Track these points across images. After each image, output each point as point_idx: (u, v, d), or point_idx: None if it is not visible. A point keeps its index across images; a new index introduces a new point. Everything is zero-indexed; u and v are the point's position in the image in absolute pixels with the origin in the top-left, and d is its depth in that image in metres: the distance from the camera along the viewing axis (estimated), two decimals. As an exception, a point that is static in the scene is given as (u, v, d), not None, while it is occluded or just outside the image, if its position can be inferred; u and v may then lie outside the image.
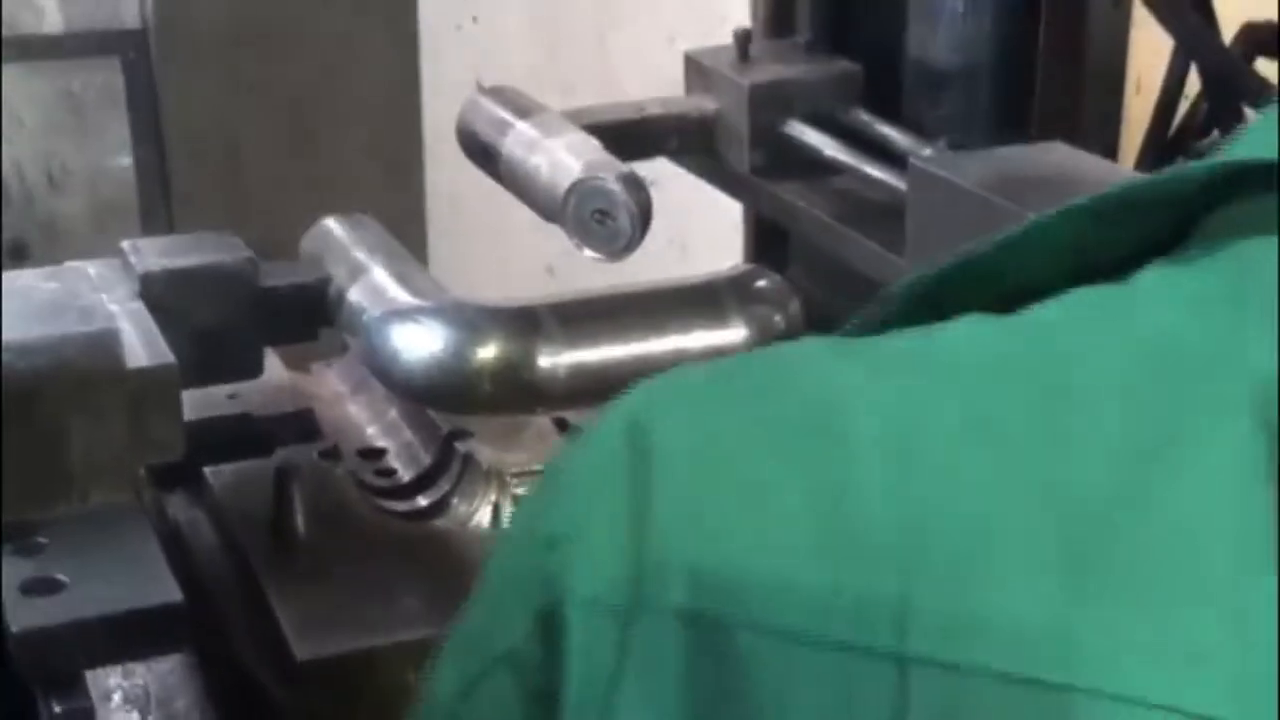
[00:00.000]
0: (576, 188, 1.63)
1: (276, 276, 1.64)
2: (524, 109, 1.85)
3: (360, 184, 1.70)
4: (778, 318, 1.55)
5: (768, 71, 2.09)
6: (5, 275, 1.45)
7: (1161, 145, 2.36)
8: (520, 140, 1.78)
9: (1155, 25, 2.21)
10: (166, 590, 1.29)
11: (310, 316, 1.65)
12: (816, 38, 2.17)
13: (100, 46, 3.81)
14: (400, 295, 1.53)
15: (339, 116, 3.84)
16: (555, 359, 1.47)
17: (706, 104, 2.13)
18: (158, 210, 3.77)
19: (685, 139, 2.15)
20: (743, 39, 2.09)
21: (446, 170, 3.76)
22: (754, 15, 2.34)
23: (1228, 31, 2.26)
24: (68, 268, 1.48)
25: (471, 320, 1.47)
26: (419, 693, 1.02)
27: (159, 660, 1.54)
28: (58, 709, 1.29)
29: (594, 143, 1.71)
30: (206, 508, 1.67)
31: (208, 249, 1.63)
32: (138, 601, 1.29)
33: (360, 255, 1.62)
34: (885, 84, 2.08)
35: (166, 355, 1.39)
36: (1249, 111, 2.12)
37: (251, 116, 3.73)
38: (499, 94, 1.94)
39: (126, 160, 3.76)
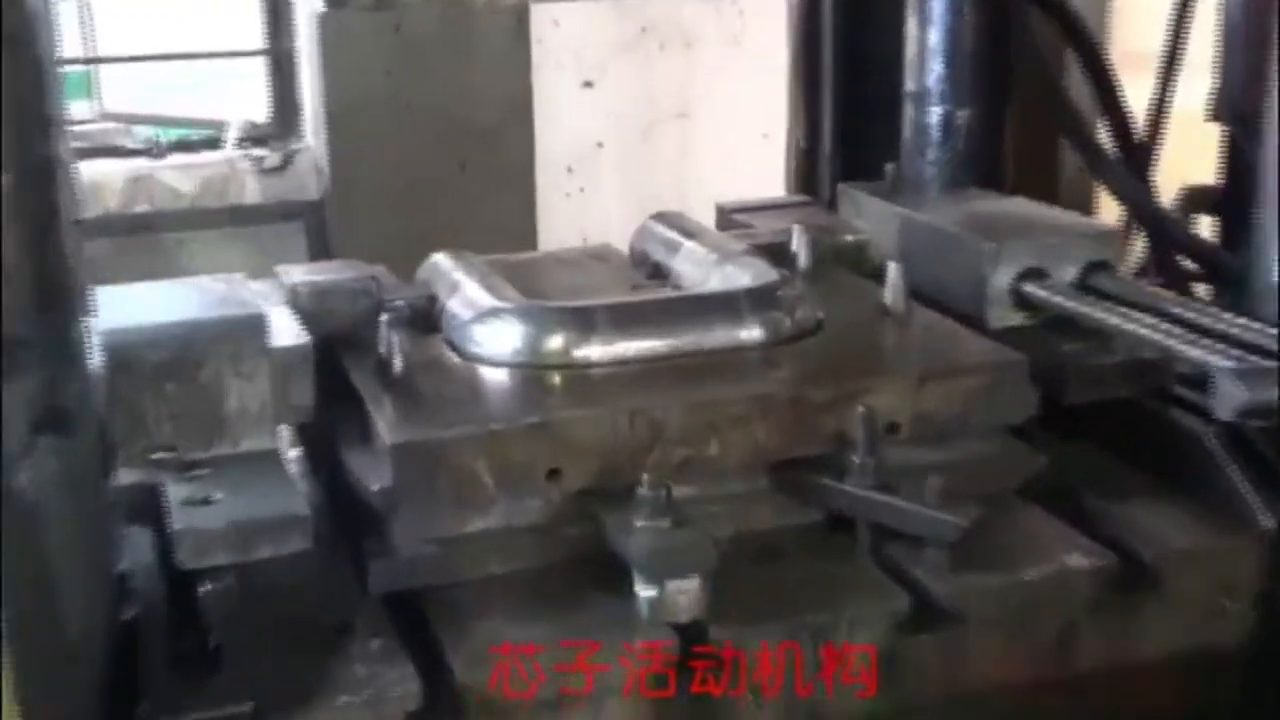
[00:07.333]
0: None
1: (391, 292, 1.87)
2: (690, 231, 2.05)
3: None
4: (788, 322, 1.70)
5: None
6: (187, 279, 1.71)
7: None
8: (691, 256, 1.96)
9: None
10: (295, 505, 1.44)
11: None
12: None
13: (287, 214, 4.34)
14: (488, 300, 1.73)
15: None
16: (606, 349, 1.64)
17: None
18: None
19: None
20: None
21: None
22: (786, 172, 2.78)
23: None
24: (233, 277, 1.70)
25: (539, 317, 1.67)
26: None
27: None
28: (208, 586, 1.40)
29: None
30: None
31: (340, 270, 1.88)
32: (261, 514, 1.41)
33: (459, 276, 1.84)
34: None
35: (304, 338, 1.62)
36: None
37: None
38: (666, 218, 2.12)
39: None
